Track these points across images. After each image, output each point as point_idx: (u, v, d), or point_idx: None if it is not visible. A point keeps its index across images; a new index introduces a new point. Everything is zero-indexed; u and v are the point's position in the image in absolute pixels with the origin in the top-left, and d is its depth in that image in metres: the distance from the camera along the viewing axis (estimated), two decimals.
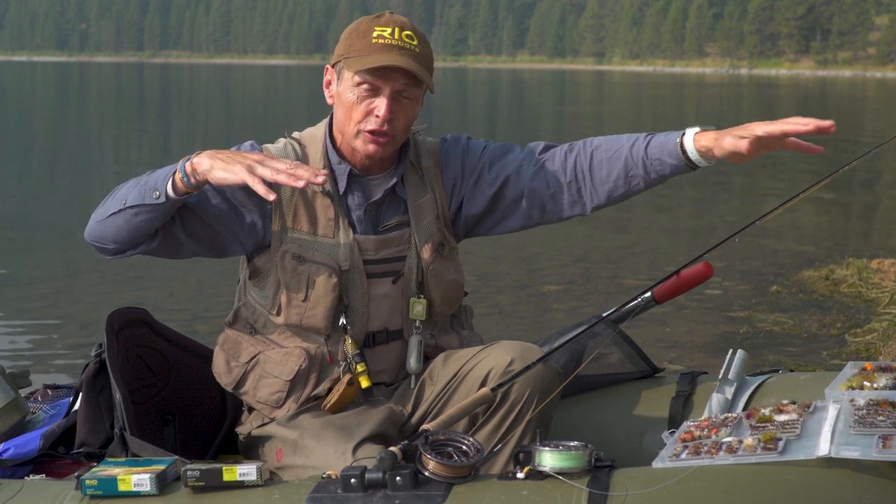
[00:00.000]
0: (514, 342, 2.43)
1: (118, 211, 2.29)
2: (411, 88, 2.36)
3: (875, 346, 5.29)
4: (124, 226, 2.31)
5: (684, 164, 2.33)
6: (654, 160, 2.36)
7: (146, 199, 2.26)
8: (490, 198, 2.50)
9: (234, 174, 2.18)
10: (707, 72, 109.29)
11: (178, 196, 2.26)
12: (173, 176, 2.24)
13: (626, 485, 1.95)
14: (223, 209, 2.38)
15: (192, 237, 2.38)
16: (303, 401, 2.45)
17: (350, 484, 2.00)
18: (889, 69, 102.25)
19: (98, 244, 2.38)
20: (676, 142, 2.33)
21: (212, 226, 2.38)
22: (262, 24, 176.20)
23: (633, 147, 2.39)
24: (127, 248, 2.36)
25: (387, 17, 2.39)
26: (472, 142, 2.55)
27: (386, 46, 2.33)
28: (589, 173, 2.43)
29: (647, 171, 2.38)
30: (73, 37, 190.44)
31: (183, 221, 2.36)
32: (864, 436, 1.97)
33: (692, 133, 2.32)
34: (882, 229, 10.27)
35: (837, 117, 4.24)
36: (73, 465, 2.56)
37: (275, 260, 2.40)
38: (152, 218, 2.29)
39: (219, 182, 2.21)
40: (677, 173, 2.37)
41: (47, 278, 7.34)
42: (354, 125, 2.37)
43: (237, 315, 2.52)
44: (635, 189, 2.42)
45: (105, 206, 2.34)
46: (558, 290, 6.94)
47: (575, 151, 2.45)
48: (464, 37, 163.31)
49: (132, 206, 2.27)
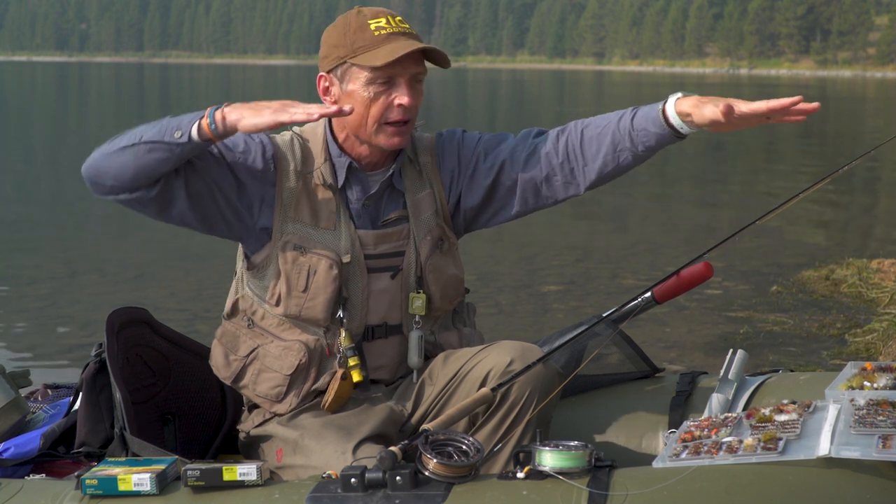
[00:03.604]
0: (514, 342, 2.43)
1: (130, 145, 2.25)
2: (422, 73, 2.38)
3: (875, 346, 5.29)
4: (132, 162, 2.25)
5: (668, 132, 2.31)
6: (640, 131, 2.35)
7: (165, 136, 2.23)
8: (487, 187, 2.50)
9: (265, 117, 2.20)
10: (707, 72, 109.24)
11: (200, 140, 2.24)
12: (199, 121, 2.23)
13: (626, 485, 1.95)
14: (229, 180, 2.37)
15: (190, 196, 2.34)
16: (304, 395, 2.45)
17: (350, 484, 2.00)
18: (889, 69, 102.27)
19: (95, 179, 2.31)
20: (659, 109, 2.32)
21: (213, 193, 2.36)
22: (262, 24, 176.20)
23: (621, 121, 2.38)
24: (123, 190, 2.30)
25: (366, 10, 2.39)
26: (468, 134, 2.55)
27: (391, 35, 2.34)
28: (580, 151, 2.42)
29: (633, 143, 2.36)
30: (73, 37, 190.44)
31: (188, 178, 2.33)
32: (865, 436, 1.97)
33: (674, 99, 2.31)
34: (882, 229, 10.27)
35: (837, 117, 4.24)
36: (73, 465, 2.56)
37: (275, 250, 2.40)
38: (165, 158, 2.25)
39: (249, 129, 2.21)
40: (663, 143, 2.34)
41: (47, 278, 7.33)
42: (374, 121, 2.37)
43: (235, 307, 2.51)
44: (624, 163, 2.40)
45: (114, 141, 2.29)
46: (558, 290, 6.94)
47: (566, 132, 2.46)
48: (464, 37, 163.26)
49: (148, 142, 2.24)
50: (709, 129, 2.28)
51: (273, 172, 2.40)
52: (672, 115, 2.30)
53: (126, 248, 8.57)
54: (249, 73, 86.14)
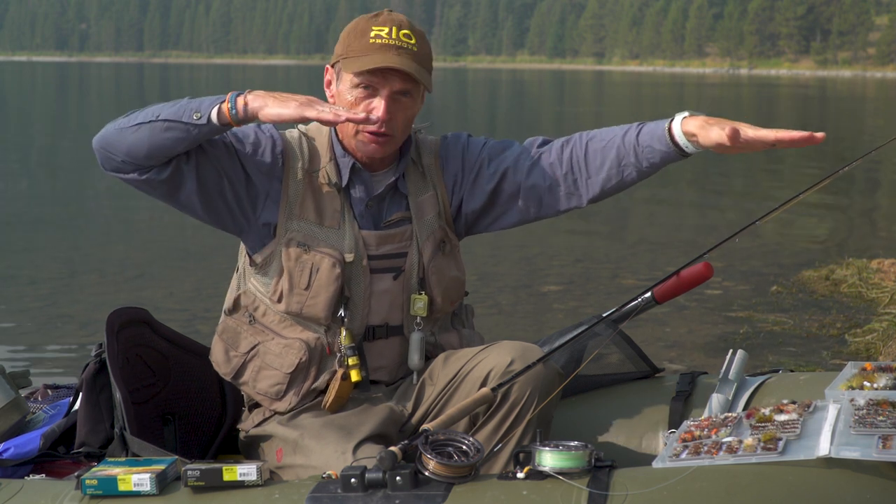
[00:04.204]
0: (514, 342, 2.43)
1: (147, 122, 2.25)
2: (407, 89, 2.37)
3: (875, 346, 5.29)
4: (147, 139, 2.25)
5: (673, 150, 2.32)
6: (645, 147, 2.35)
7: (184, 117, 2.23)
8: (489, 193, 2.50)
9: (290, 109, 2.20)
10: (707, 72, 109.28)
11: (219, 124, 2.24)
12: (220, 105, 2.23)
13: (626, 485, 1.95)
14: (238, 171, 2.38)
15: (199, 182, 2.34)
16: (303, 394, 2.45)
17: (350, 484, 2.00)
18: (889, 69, 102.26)
19: (106, 152, 2.30)
20: (665, 127, 2.32)
21: (221, 181, 2.37)
22: (262, 24, 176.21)
23: (626, 136, 2.38)
24: (134, 168, 2.30)
25: (385, 15, 2.39)
26: (473, 139, 2.56)
27: (383, 46, 2.34)
28: (584, 164, 2.43)
29: (638, 158, 2.37)
30: (73, 37, 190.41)
31: (199, 164, 2.33)
32: (865, 436, 1.97)
33: (680, 118, 2.31)
34: (882, 229, 10.27)
35: (837, 117, 4.25)
36: (73, 465, 2.56)
37: (279, 247, 2.40)
38: (181, 139, 2.25)
39: (271, 118, 2.21)
40: (668, 160, 2.35)
41: (47, 278, 7.33)
42: (353, 125, 2.38)
43: (237, 303, 2.51)
44: (628, 179, 2.41)
45: (129, 116, 2.29)
46: (558, 290, 6.94)
47: (571, 143, 2.46)
48: (464, 37, 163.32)
49: (166, 121, 2.23)
50: (713, 150, 2.28)
51: (281, 168, 2.41)
52: (678, 134, 2.30)
53: (126, 248, 8.57)
54: (249, 73, 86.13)
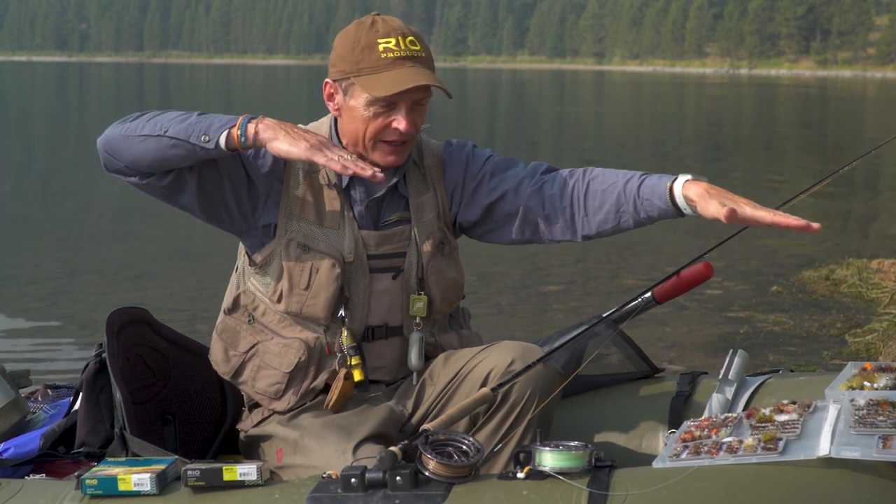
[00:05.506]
0: (514, 342, 2.43)
1: (154, 136, 2.25)
2: (425, 98, 2.38)
3: (875, 346, 5.29)
4: (152, 152, 2.26)
5: (672, 210, 2.33)
6: (645, 200, 2.36)
7: (192, 137, 2.23)
8: (485, 207, 2.50)
9: (299, 149, 2.21)
10: (707, 72, 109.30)
11: (227, 150, 2.24)
12: (230, 129, 2.24)
13: (626, 485, 1.95)
14: (240, 174, 2.38)
15: (200, 188, 2.35)
16: (302, 393, 2.45)
17: (350, 484, 2.01)
18: (889, 69, 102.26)
19: (110, 156, 2.31)
20: (667, 186, 2.33)
21: (222, 185, 2.37)
22: (262, 25, 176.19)
23: (628, 184, 2.39)
24: (136, 174, 2.31)
25: (381, 24, 2.37)
26: (478, 150, 2.56)
27: (397, 60, 2.33)
28: (583, 202, 2.43)
29: (636, 209, 2.38)
30: (73, 37, 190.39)
31: (201, 172, 2.34)
32: (865, 436, 1.97)
33: (683, 180, 2.32)
34: (882, 229, 10.27)
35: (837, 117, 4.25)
36: (73, 465, 2.56)
37: (279, 247, 2.41)
38: (186, 157, 2.26)
39: (279, 152, 2.22)
40: (665, 217, 2.37)
41: (47, 278, 7.34)
42: (370, 139, 2.38)
43: (236, 303, 2.51)
44: (624, 225, 2.42)
45: (136, 123, 2.29)
46: (558, 290, 6.94)
47: (574, 178, 2.46)
48: (464, 37, 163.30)
49: (173, 138, 2.24)
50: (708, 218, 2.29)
51: (282, 169, 2.41)
52: (678, 196, 2.31)
53: (126, 248, 8.57)
54: (249, 74, 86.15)
